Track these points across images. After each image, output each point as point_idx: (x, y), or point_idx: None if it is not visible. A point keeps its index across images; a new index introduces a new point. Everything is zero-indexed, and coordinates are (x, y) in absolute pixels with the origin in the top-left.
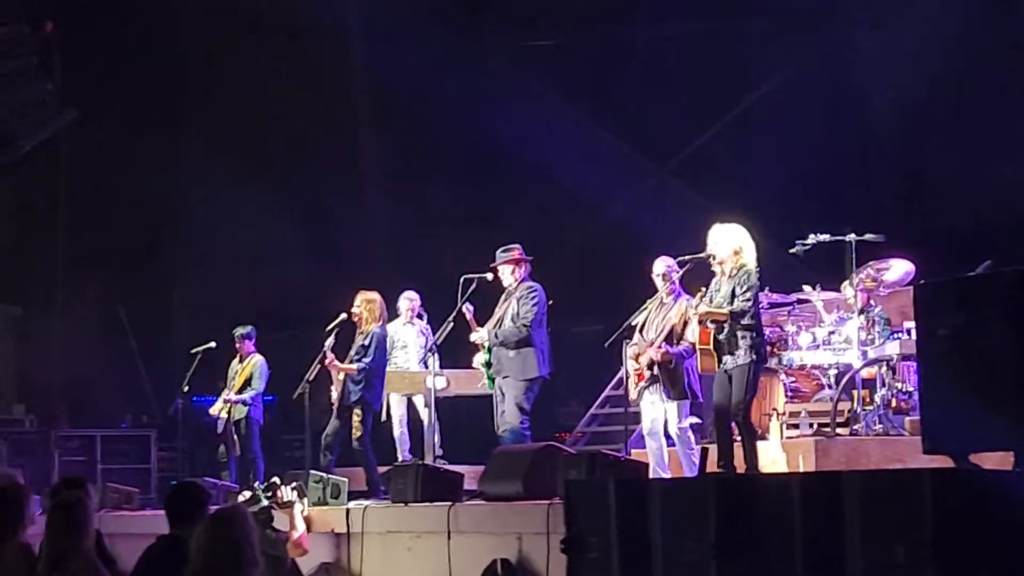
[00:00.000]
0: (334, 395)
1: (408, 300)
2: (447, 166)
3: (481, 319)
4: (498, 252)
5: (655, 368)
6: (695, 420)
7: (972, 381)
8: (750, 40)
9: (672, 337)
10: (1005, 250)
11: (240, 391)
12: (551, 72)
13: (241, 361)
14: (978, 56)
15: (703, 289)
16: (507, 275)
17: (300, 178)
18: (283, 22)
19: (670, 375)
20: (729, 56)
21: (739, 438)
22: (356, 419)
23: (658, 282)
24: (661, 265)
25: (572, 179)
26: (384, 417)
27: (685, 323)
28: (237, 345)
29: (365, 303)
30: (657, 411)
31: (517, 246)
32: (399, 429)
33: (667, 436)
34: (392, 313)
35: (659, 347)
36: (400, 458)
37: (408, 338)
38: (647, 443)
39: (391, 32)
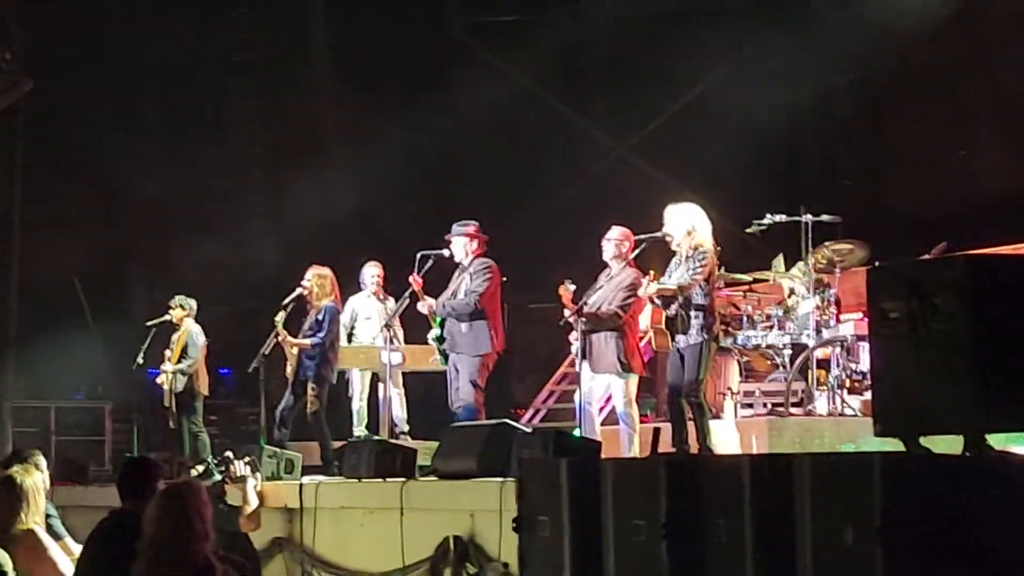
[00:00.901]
0: (289, 370)
1: (373, 272)
2: (406, 140)
3: (435, 294)
4: (454, 226)
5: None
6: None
7: (923, 365)
8: (712, 19)
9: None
10: (960, 232)
11: (178, 362)
12: (511, 48)
13: (177, 331)
14: (937, 39)
15: (651, 272)
16: (460, 249)
17: (261, 149)
18: None
19: (597, 346)
20: (689, 35)
21: (692, 417)
22: (311, 394)
23: (606, 247)
24: (615, 231)
25: (532, 155)
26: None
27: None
28: (172, 315)
29: (316, 278)
30: (592, 383)
31: (474, 222)
32: (358, 403)
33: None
34: (356, 286)
35: (573, 309)
36: (356, 433)
37: (372, 311)
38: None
39: (352, 3)
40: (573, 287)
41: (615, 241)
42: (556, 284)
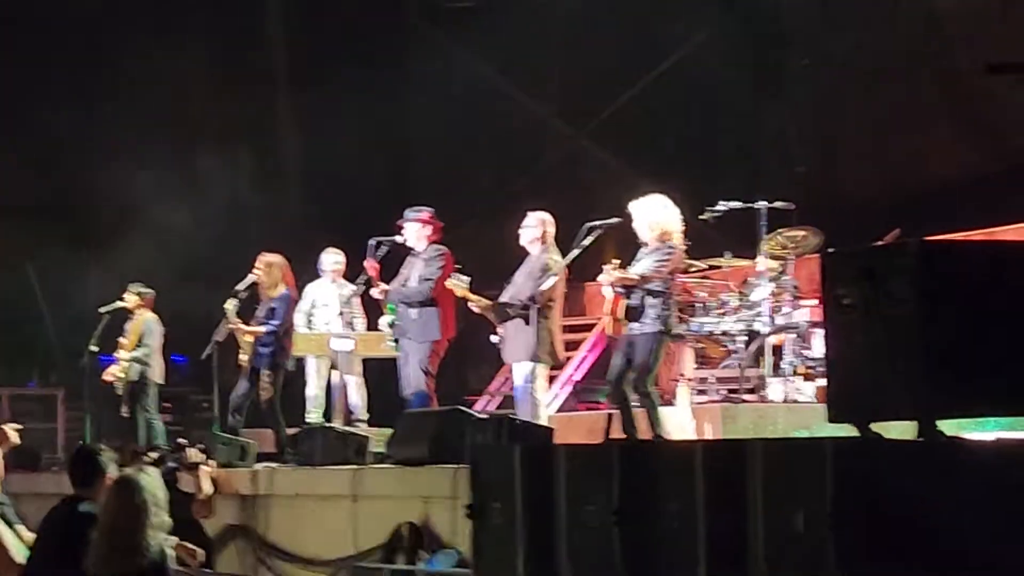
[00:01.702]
0: (243, 358)
1: (333, 259)
2: (362, 127)
3: (390, 279)
4: (407, 211)
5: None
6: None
7: (875, 350)
8: (667, 3)
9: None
10: (915, 219)
11: (133, 350)
12: (468, 34)
13: (132, 319)
14: (893, 23)
15: (614, 261)
16: (413, 235)
17: (214, 135)
18: None
19: (509, 335)
20: (645, 20)
21: (641, 406)
22: (266, 380)
23: (524, 234)
24: (532, 218)
25: (488, 141)
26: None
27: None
28: (128, 302)
29: (265, 266)
30: (514, 372)
31: (428, 208)
32: (313, 390)
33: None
34: (314, 272)
35: (477, 300)
36: (309, 420)
37: (330, 297)
38: None
39: None
40: (467, 279)
41: (531, 228)
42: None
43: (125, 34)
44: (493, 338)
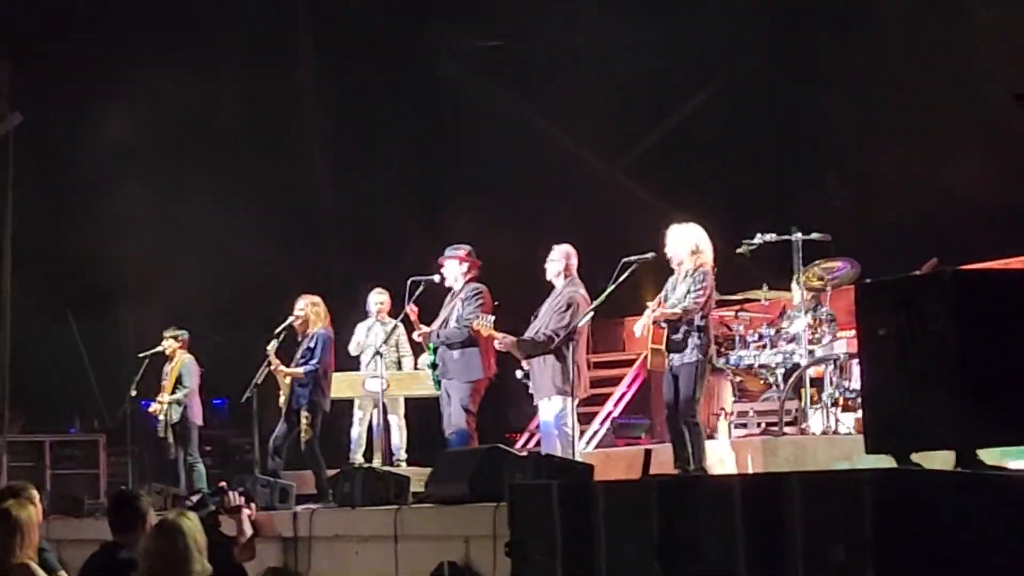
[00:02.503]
0: (282, 399)
1: (376, 299)
2: (397, 167)
3: (428, 321)
4: (446, 249)
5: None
6: (637, 420)
7: (912, 381)
8: (702, 41)
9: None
10: (951, 248)
11: (172, 392)
12: (501, 72)
13: (171, 362)
14: (927, 59)
15: (658, 299)
16: (452, 273)
17: (253, 182)
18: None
19: (535, 372)
20: (679, 53)
21: (688, 437)
22: (305, 422)
23: (549, 268)
24: (556, 251)
25: (522, 178)
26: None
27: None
28: (164, 346)
29: (311, 305)
30: (542, 410)
31: (466, 246)
32: (357, 430)
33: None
34: (362, 312)
35: (501, 338)
36: (353, 460)
37: (376, 337)
38: None
39: (342, 31)
40: (491, 318)
41: (555, 261)
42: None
43: (159, 85)
44: (518, 373)
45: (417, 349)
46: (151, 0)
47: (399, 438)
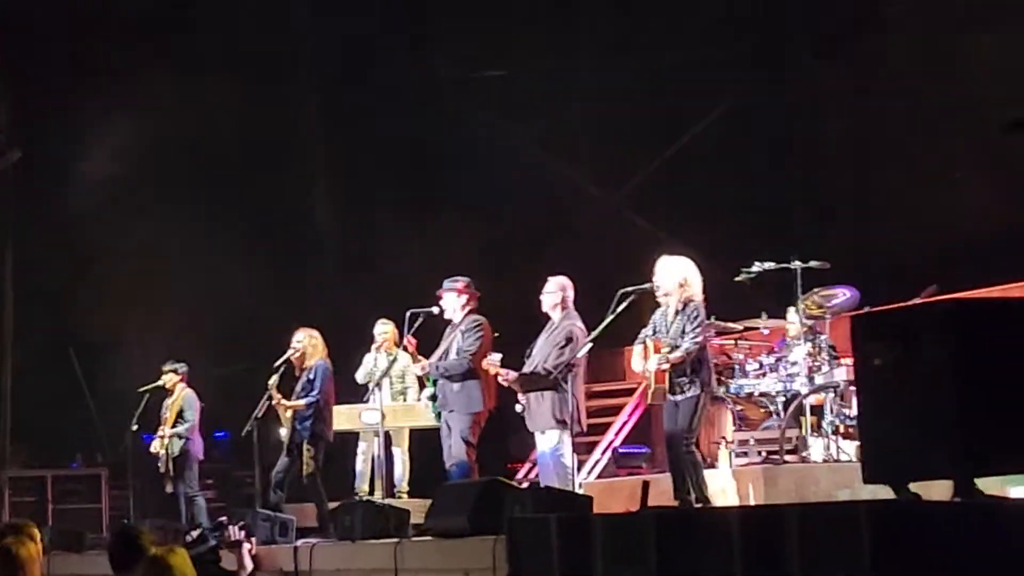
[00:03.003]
0: (283, 433)
1: (380, 329)
2: (398, 197)
3: (428, 352)
4: (445, 282)
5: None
6: (638, 450)
7: (908, 410)
8: (700, 68)
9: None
10: (951, 275)
11: (173, 426)
12: (501, 103)
13: (171, 396)
14: (924, 85)
15: (654, 345)
16: (451, 305)
17: (251, 211)
18: (230, 58)
19: (532, 405)
20: (675, 84)
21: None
22: (307, 455)
23: (545, 300)
24: (551, 284)
25: (520, 209)
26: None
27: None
28: (164, 380)
29: (309, 338)
30: (540, 442)
31: (465, 278)
32: (360, 462)
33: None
34: (368, 343)
35: (505, 374)
36: (357, 493)
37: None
38: None
39: (342, 64)
40: (499, 356)
41: (551, 293)
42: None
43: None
44: (517, 407)
45: (422, 381)
46: (148, 34)
47: (402, 470)
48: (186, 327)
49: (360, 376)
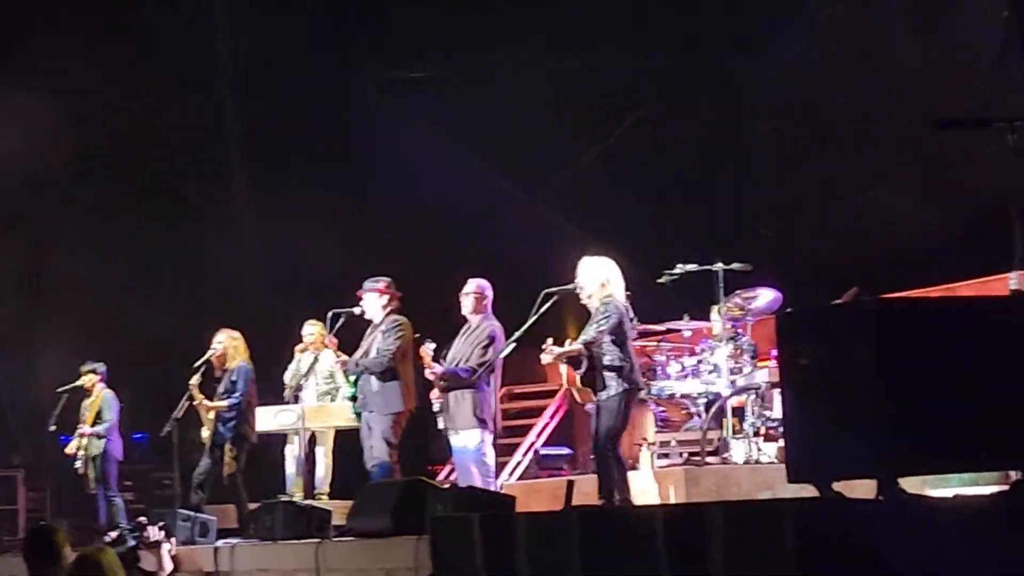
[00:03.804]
0: (205, 434)
1: (307, 330)
2: (318, 198)
3: (350, 353)
4: (366, 282)
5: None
6: (560, 451)
7: (834, 410)
8: (622, 70)
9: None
10: (872, 277)
11: (92, 426)
12: (422, 104)
13: (89, 397)
14: (849, 87)
15: (549, 339)
16: (372, 305)
17: (169, 212)
18: (151, 58)
19: (453, 403)
20: (601, 84)
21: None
22: (229, 455)
23: (465, 302)
24: (471, 285)
25: (443, 210)
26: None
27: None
28: (83, 381)
29: (230, 339)
30: (457, 442)
31: (386, 278)
32: (291, 464)
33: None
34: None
35: (432, 369)
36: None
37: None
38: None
39: (261, 64)
40: (433, 346)
41: (473, 295)
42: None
43: (76, 106)
44: (435, 405)
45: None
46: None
47: (324, 472)
48: (104, 327)
49: (288, 377)
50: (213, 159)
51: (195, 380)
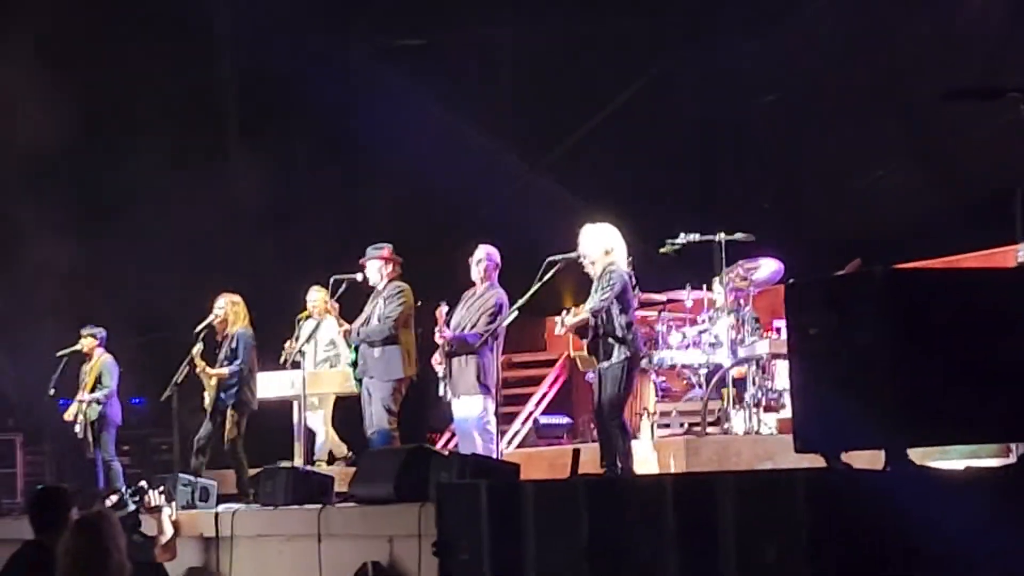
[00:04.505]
0: (207, 400)
1: (312, 296)
2: (315, 166)
3: (351, 320)
4: (368, 249)
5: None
6: (559, 420)
7: (843, 380)
8: (625, 38)
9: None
10: (874, 250)
11: (92, 391)
12: (420, 72)
13: (89, 361)
14: (853, 61)
15: (565, 309)
16: (374, 272)
17: (167, 178)
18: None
19: (456, 369)
20: (601, 54)
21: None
22: (230, 421)
23: (473, 268)
24: (480, 251)
25: (442, 179)
26: None
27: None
28: (82, 345)
29: (231, 304)
30: (459, 410)
31: (388, 245)
32: (319, 431)
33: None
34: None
35: (440, 331)
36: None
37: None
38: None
39: (257, 30)
40: (447, 308)
41: (481, 260)
42: (434, 307)
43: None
44: (437, 368)
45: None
46: None
47: (322, 438)
48: (103, 292)
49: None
50: (210, 122)
51: (198, 347)
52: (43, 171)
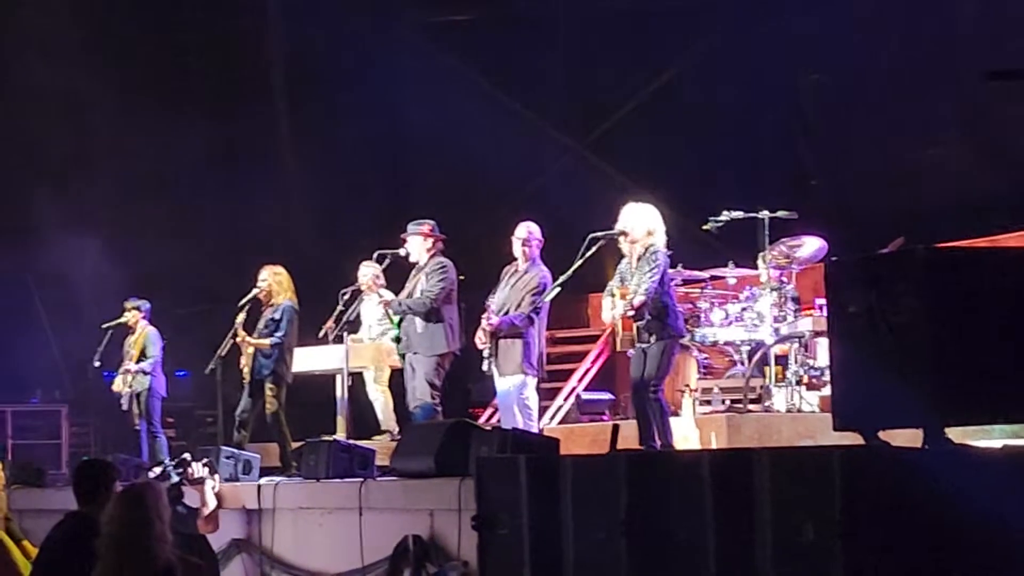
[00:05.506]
0: (245, 370)
1: (364, 272)
2: (360, 142)
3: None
4: (409, 225)
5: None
6: (601, 396)
7: (883, 359)
8: (672, 16)
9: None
10: (919, 227)
11: (137, 363)
12: (466, 48)
13: (133, 334)
14: (904, 41)
15: (616, 294)
16: (416, 248)
17: (213, 152)
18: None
19: (502, 349)
20: (646, 30)
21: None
22: (269, 394)
23: (516, 246)
24: (523, 229)
25: (487, 156)
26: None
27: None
28: (127, 318)
29: (273, 275)
30: (502, 385)
31: (430, 221)
32: (379, 401)
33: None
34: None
35: (488, 318)
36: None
37: (367, 309)
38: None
39: (305, 6)
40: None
41: (522, 238)
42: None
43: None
44: (484, 351)
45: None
46: None
47: (380, 406)
48: (149, 263)
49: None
50: (256, 98)
51: (241, 318)
52: (89, 147)
